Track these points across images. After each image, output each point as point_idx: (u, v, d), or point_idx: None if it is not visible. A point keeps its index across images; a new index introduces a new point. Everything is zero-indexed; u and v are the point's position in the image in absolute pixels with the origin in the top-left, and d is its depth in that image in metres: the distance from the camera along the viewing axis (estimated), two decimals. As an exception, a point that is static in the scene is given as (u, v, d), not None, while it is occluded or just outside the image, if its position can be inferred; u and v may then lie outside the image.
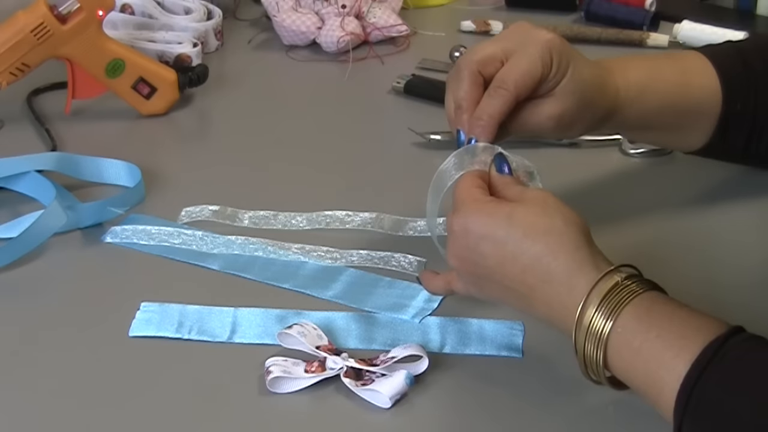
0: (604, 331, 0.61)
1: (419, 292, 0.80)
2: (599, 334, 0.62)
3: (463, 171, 0.72)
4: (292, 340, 0.73)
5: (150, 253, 0.86)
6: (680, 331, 0.59)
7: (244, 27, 1.33)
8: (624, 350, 0.61)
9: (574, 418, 0.68)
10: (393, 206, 0.91)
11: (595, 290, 0.62)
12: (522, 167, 0.72)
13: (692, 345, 0.58)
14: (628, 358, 0.61)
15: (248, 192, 0.95)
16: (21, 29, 1.02)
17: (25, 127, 1.09)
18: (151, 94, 1.09)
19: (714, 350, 0.57)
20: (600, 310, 0.62)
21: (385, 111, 1.14)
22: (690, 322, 0.60)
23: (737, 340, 0.58)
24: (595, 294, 0.62)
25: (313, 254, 0.85)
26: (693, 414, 0.57)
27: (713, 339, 0.58)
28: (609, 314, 0.61)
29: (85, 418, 0.69)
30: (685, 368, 0.57)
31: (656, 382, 0.59)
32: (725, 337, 0.58)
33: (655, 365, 0.59)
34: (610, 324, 0.61)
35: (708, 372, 0.57)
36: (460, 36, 1.31)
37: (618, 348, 0.61)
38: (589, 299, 0.62)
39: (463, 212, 0.68)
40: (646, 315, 0.61)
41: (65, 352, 0.75)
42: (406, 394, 0.69)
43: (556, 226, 0.65)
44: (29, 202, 0.93)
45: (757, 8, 1.33)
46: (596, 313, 0.62)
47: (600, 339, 0.62)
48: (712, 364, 0.57)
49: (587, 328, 0.62)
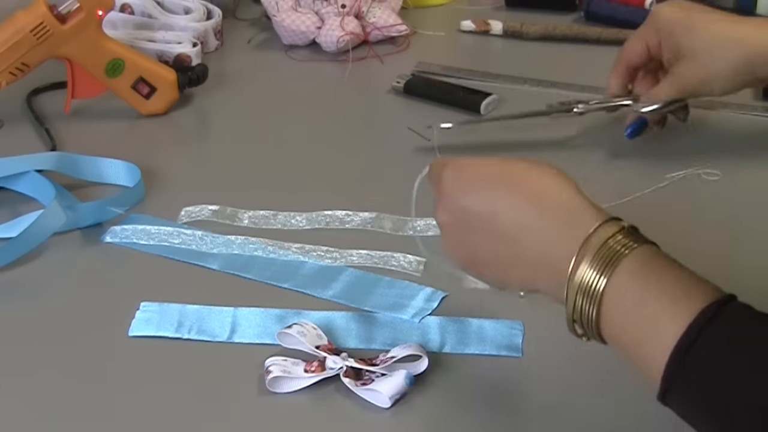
0: (598, 287, 0.59)
1: (419, 292, 0.80)
2: (593, 290, 0.60)
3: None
4: (292, 340, 0.73)
5: (150, 253, 0.86)
6: (675, 293, 0.58)
7: (244, 27, 1.33)
8: (617, 309, 0.59)
9: (574, 418, 0.68)
10: (393, 206, 0.91)
11: (590, 242, 0.60)
12: None
13: (686, 310, 0.57)
14: (620, 317, 0.59)
15: (248, 192, 0.95)
16: (21, 29, 1.02)
17: (24, 126, 1.09)
18: (151, 94, 1.09)
19: (708, 317, 0.56)
20: (594, 264, 0.60)
21: (385, 111, 1.14)
22: (686, 285, 0.58)
23: (731, 307, 0.57)
24: (590, 246, 0.60)
25: (313, 254, 0.85)
26: (682, 379, 0.56)
27: (707, 305, 0.56)
28: (604, 269, 0.59)
29: (85, 418, 0.69)
30: (678, 332, 0.56)
31: (646, 345, 0.58)
32: (720, 303, 0.57)
33: (647, 327, 0.58)
34: (604, 280, 0.59)
35: (701, 339, 0.56)
36: (459, 36, 1.31)
37: (611, 305, 0.59)
38: (583, 251, 0.60)
39: (455, 163, 0.68)
40: (642, 273, 0.59)
41: (65, 352, 0.75)
42: (406, 394, 0.69)
43: (548, 176, 0.64)
44: (29, 201, 0.93)
45: (757, 8, 1.33)
46: (590, 268, 0.60)
47: (594, 295, 0.60)
48: (705, 332, 0.56)
49: (580, 282, 0.60)
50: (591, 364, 0.73)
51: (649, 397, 0.69)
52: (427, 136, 1.03)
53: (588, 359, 0.73)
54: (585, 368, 0.72)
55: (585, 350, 0.74)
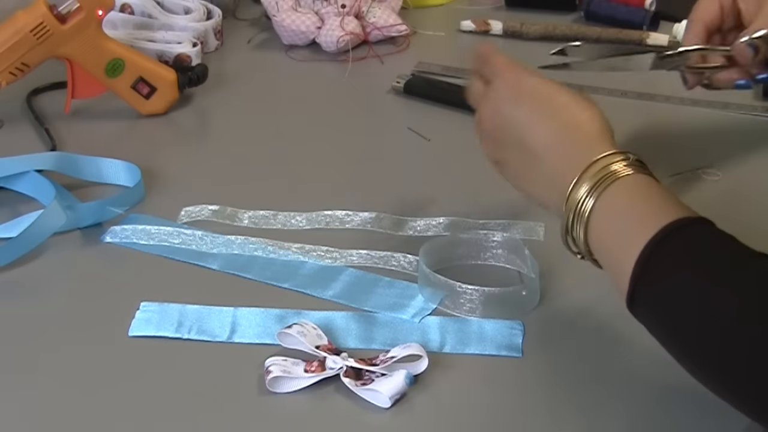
0: (587, 206, 0.66)
1: (419, 292, 0.80)
2: (583, 209, 0.66)
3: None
4: (292, 340, 0.73)
5: (150, 253, 0.86)
6: (654, 209, 0.63)
7: (244, 27, 1.33)
8: (600, 224, 0.66)
9: (574, 418, 0.68)
10: (393, 206, 0.91)
11: (592, 167, 0.67)
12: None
13: (660, 221, 0.62)
14: (601, 232, 0.66)
15: (248, 192, 0.95)
16: (21, 29, 1.02)
17: (24, 126, 1.08)
18: (151, 94, 1.09)
19: (676, 227, 0.61)
20: (589, 186, 0.66)
21: (385, 111, 1.14)
22: (664, 205, 0.64)
23: (702, 226, 0.62)
24: (591, 170, 0.66)
25: (313, 254, 0.85)
26: (646, 281, 0.61)
27: (679, 218, 0.61)
28: (595, 190, 0.66)
29: (85, 418, 0.69)
30: (644, 243, 0.61)
31: (620, 255, 0.63)
32: (692, 221, 0.62)
33: (622, 239, 0.64)
34: (593, 200, 0.66)
35: (667, 242, 0.61)
36: (459, 36, 1.31)
37: (596, 222, 0.66)
38: (583, 174, 0.67)
39: (520, 70, 0.74)
40: (628, 195, 0.65)
41: (65, 352, 0.75)
42: (406, 394, 0.69)
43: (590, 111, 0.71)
44: (29, 201, 0.93)
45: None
46: (585, 188, 0.66)
47: (583, 213, 0.66)
48: (671, 238, 0.61)
49: (575, 201, 0.67)
50: (591, 364, 0.73)
51: (649, 398, 0.69)
52: (426, 136, 1.03)
53: (588, 359, 0.73)
54: (585, 368, 0.72)
55: (585, 351, 0.75)
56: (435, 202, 0.92)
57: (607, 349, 0.74)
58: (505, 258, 0.83)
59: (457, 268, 0.82)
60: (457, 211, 0.90)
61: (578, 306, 0.79)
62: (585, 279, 0.81)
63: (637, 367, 0.72)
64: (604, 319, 0.77)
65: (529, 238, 0.86)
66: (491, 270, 0.83)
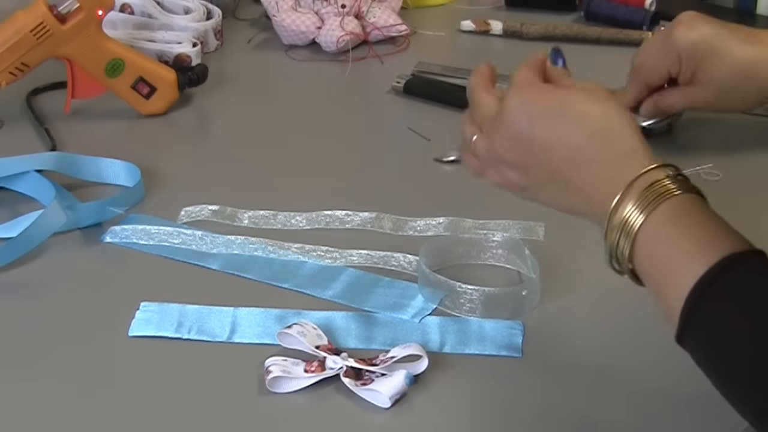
0: (635, 225, 0.62)
1: (419, 292, 0.80)
2: (630, 228, 0.62)
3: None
4: (292, 340, 0.73)
5: (150, 253, 0.86)
6: (704, 238, 0.60)
7: (244, 27, 1.33)
8: (647, 247, 0.62)
9: (574, 418, 0.68)
10: (393, 206, 0.91)
11: (636, 183, 0.63)
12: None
13: (711, 254, 0.58)
14: (649, 256, 0.62)
15: (248, 192, 0.95)
16: (20, 29, 1.02)
17: (24, 126, 1.08)
18: (151, 94, 1.09)
19: (728, 264, 0.58)
20: (636, 205, 0.62)
21: (385, 111, 1.14)
22: (716, 232, 0.61)
23: (754, 259, 0.59)
24: (635, 188, 0.63)
25: (313, 254, 0.85)
26: (696, 321, 0.58)
27: (731, 253, 0.58)
28: (643, 209, 0.62)
29: (85, 418, 0.69)
30: (698, 274, 0.58)
31: (669, 284, 0.60)
32: (743, 255, 0.58)
33: (671, 267, 0.60)
34: (642, 219, 0.62)
35: (716, 284, 0.58)
36: (459, 36, 1.31)
37: (643, 244, 0.62)
38: (627, 191, 0.63)
39: (521, 90, 0.70)
40: (677, 217, 0.62)
41: (65, 352, 0.75)
42: (406, 394, 0.69)
43: (610, 114, 0.67)
44: (29, 201, 0.93)
45: (757, 8, 1.33)
46: (631, 207, 0.62)
47: (630, 232, 0.62)
48: (724, 276, 0.58)
49: (620, 220, 0.63)
50: (591, 364, 0.73)
51: (649, 398, 0.69)
52: (426, 136, 1.03)
53: (588, 360, 0.73)
54: (585, 369, 0.72)
55: (584, 351, 0.75)
56: (435, 202, 0.92)
57: (607, 349, 0.74)
58: (505, 258, 0.83)
59: (457, 268, 0.82)
60: (457, 211, 0.90)
61: (578, 306, 0.79)
62: (585, 279, 0.81)
63: (637, 367, 0.72)
64: (604, 319, 0.77)
65: (529, 238, 0.86)
66: (491, 270, 0.83)
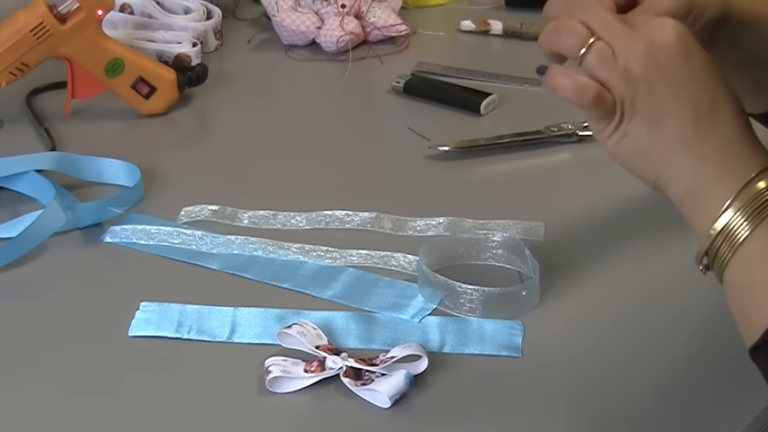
0: (741, 235, 0.59)
1: (419, 292, 0.80)
2: (736, 237, 0.60)
3: None
4: (292, 340, 0.73)
5: (149, 253, 0.86)
6: None
7: (244, 27, 1.33)
8: (750, 258, 0.60)
9: (574, 418, 0.68)
10: (393, 206, 0.91)
11: (746, 190, 0.60)
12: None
13: None
14: (749, 266, 0.60)
15: (248, 192, 0.95)
16: (20, 29, 1.02)
17: (24, 126, 1.08)
18: (151, 94, 1.09)
19: None
20: (743, 213, 0.60)
21: (385, 111, 1.14)
22: None
23: None
24: (744, 194, 0.60)
25: (313, 254, 0.85)
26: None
27: None
28: (752, 219, 0.59)
29: (85, 418, 0.69)
30: None
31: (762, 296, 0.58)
32: None
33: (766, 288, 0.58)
34: (748, 230, 0.59)
35: None
36: (459, 36, 1.31)
37: (746, 253, 0.60)
38: (737, 198, 0.60)
39: (685, 36, 0.62)
40: None
41: (65, 352, 0.75)
42: (406, 394, 0.69)
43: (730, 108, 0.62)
44: (29, 201, 0.93)
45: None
46: (739, 215, 0.60)
47: (734, 241, 0.60)
48: None
49: (725, 226, 0.60)
50: (591, 364, 0.73)
51: (649, 398, 0.69)
52: (426, 135, 1.03)
53: (588, 360, 0.73)
54: (585, 368, 0.72)
55: (584, 351, 0.75)
56: (435, 202, 0.92)
57: (607, 349, 0.75)
58: (505, 258, 0.83)
59: (457, 268, 0.82)
60: (457, 211, 0.90)
61: (578, 306, 0.79)
62: (585, 279, 0.81)
63: (637, 367, 0.72)
64: (604, 319, 0.77)
65: (529, 238, 0.86)
66: (491, 270, 0.83)
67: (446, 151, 1.00)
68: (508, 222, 0.88)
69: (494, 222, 0.89)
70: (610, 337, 0.75)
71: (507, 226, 0.88)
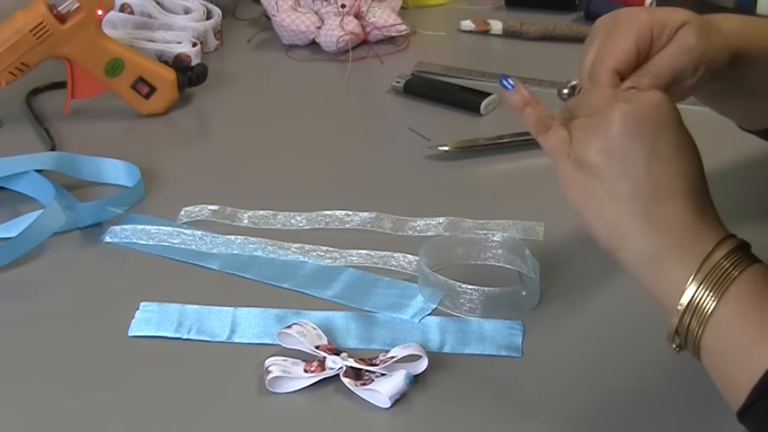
0: (708, 308, 0.59)
1: (419, 292, 0.80)
2: (703, 311, 0.60)
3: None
4: (292, 340, 0.73)
5: (149, 253, 0.86)
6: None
7: (244, 26, 1.33)
8: (722, 328, 0.59)
9: (574, 418, 0.68)
10: (393, 206, 0.91)
11: (706, 263, 0.60)
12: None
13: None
14: (722, 337, 0.60)
15: (248, 192, 0.95)
16: (20, 29, 1.02)
17: (24, 126, 1.08)
18: (151, 94, 1.09)
19: None
20: (706, 285, 0.60)
21: (385, 111, 1.14)
22: None
23: None
24: (705, 267, 0.60)
25: (313, 254, 0.85)
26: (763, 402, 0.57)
27: None
28: (715, 290, 0.59)
29: (85, 418, 0.69)
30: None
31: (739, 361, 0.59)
32: None
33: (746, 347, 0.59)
34: (714, 302, 0.59)
35: None
36: (459, 35, 1.31)
37: (716, 325, 0.60)
38: (698, 272, 0.60)
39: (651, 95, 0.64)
40: (752, 296, 0.59)
41: (64, 352, 0.75)
42: (406, 394, 0.69)
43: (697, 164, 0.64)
44: (28, 201, 0.93)
45: (757, 8, 1.33)
46: (702, 288, 0.60)
47: (703, 315, 0.60)
48: None
49: (690, 302, 0.60)
50: (591, 364, 0.73)
51: (649, 398, 0.69)
52: (426, 135, 1.03)
53: (587, 359, 0.73)
54: (585, 368, 0.72)
55: (585, 351, 0.75)
56: (435, 202, 0.92)
57: (607, 348, 0.74)
58: (505, 258, 0.83)
59: (457, 268, 0.82)
60: (457, 211, 0.90)
61: (578, 306, 0.79)
62: (585, 279, 0.81)
63: (636, 367, 0.72)
64: (604, 320, 0.77)
65: (529, 238, 0.86)
66: (491, 270, 0.83)
67: (446, 151, 1.00)
68: (508, 222, 0.88)
69: (494, 222, 0.89)
70: (610, 337, 0.75)
71: (507, 226, 0.88)
